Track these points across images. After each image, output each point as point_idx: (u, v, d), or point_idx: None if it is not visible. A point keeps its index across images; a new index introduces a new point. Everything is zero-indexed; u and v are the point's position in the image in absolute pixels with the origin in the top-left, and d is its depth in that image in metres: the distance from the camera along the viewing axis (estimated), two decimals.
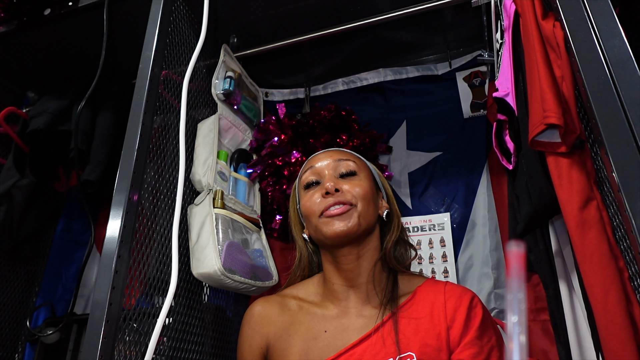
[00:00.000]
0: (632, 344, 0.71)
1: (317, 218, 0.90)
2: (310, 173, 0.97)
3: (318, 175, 0.96)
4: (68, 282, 1.75)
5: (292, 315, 0.93)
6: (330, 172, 0.95)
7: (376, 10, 1.40)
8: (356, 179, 0.94)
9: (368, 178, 0.97)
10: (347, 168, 0.96)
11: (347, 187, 0.91)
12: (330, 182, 0.91)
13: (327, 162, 0.97)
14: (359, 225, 0.88)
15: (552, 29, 0.82)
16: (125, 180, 0.97)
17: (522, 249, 0.33)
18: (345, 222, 0.87)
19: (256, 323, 0.95)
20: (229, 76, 1.39)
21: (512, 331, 0.33)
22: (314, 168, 0.98)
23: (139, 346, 0.93)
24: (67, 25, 1.45)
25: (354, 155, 1.01)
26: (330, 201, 0.89)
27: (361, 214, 0.89)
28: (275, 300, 0.97)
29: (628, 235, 0.67)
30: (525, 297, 0.32)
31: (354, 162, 0.97)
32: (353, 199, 0.90)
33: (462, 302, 0.86)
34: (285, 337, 0.91)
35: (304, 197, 0.96)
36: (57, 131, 1.52)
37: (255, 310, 0.97)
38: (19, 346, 1.64)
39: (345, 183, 0.92)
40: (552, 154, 0.84)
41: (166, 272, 1.01)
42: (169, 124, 1.16)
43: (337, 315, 0.90)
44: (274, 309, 0.95)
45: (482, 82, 1.61)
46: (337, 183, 0.92)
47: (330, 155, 0.99)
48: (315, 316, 0.91)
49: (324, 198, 0.90)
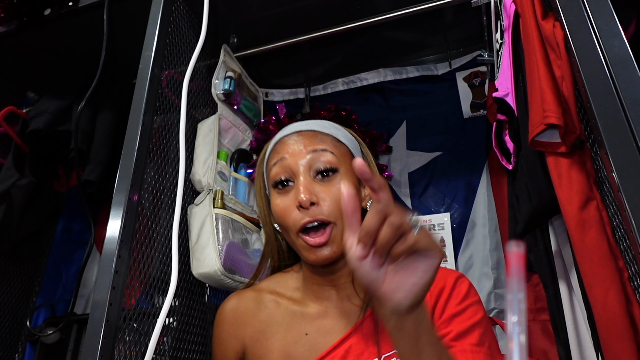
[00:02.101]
0: (632, 343, 0.71)
1: (294, 234, 0.78)
2: (279, 168, 0.82)
3: (290, 173, 0.81)
4: (68, 282, 1.75)
5: (270, 314, 0.84)
6: (305, 170, 0.80)
7: (376, 10, 1.40)
8: (336, 178, 0.80)
9: (349, 168, 0.83)
10: (325, 164, 0.80)
11: (324, 195, 0.78)
12: (306, 192, 0.77)
13: (301, 154, 0.81)
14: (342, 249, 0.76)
15: (552, 29, 0.82)
16: (125, 180, 0.97)
17: (522, 249, 0.33)
18: (327, 251, 0.76)
19: (230, 324, 0.86)
20: (229, 76, 1.39)
21: (512, 331, 0.33)
22: (285, 160, 0.82)
23: (139, 346, 0.93)
24: (67, 25, 1.45)
25: (331, 140, 0.84)
26: (306, 219, 0.76)
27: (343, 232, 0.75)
28: (250, 296, 0.87)
29: (628, 235, 0.67)
30: (525, 297, 0.32)
31: (332, 152, 0.81)
32: (331, 215, 0.77)
33: (446, 283, 0.78)
34: (263, 340, 0.82)
35: (273, 197, 0.83)
36: (57, 131, 1.52)
37: (228, 308, 0.87)
38: (19, 346, 1.64)
39: (323, 189, 0.78)
40: (552, 154, 0.84)
41: (166, 272, 1.01)
42: (169, 124, 1.16)
43: (318, 315, 0.82)
44: (249, 307, 0.85)
45: (482, 82, 1.61)
46: (313, 190, 0.78)
47: (304, 144, 0.82)
48: (295, 316, 0.82)
49: (297, 210, 0.77)
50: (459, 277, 0.80)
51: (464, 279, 0.80)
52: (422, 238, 0.48)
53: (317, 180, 0.79)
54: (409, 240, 0.48)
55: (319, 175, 0.80)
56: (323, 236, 0.76)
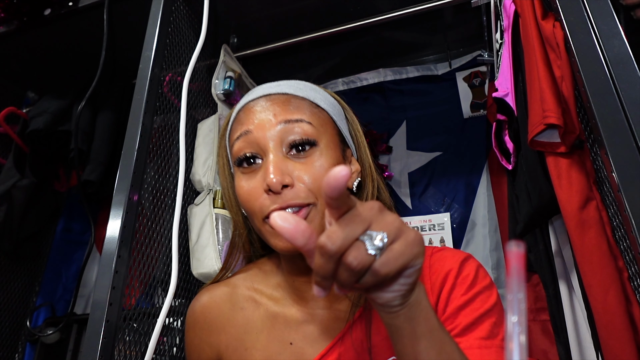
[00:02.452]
0: (632, 343, 0.71)
1: (260, 221, 0.64)
2: (243, 143, 0.66)
3: (256, 148, 0.65)
4: (68, 282, 1.75)
5: (248, 317, 0.71)
6: (275, 145, 0.64)
7: (376, 10, 1.40)
8: (315, 154, 0.64)
9: (331, 140, 0.67)
10: (301, 135, 0.64)
11: (300, 174, 0.63)
12: (276, 171, 0.61)
13: (270, 125, 0.65)
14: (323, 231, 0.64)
15: (552, 29, 0.82)
16: (125, 180, 0.97)
17: (522, 249, 0.33)
18: None
19: (202, 329, 0.73)
20: (229, 76, 1.39)
21: (512, 331, 0.33)
22: (250, 134, 0.65)
23: (139, 346, 0.93)
24: (67, 25, 1.45)
25: (308, 106, 0.68)
26: (275, 206, 0.62)
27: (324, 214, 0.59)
28: (223, 293, 0.74)
29: (628, 235, 0.67)
30: (525, 297, 0.32)
31: (309, 122, 0.65)
32: (310, 196, 0.62)
33: (450, 270, 0.65)
34: (242, 350, 0.70)
35: (237, 178, 0.68)
36: (57, 131, 1.52)
37: (198, 310, 0.74)
38: (19, 346, 1.64)
39: (298, 166, 0.63)
40: (551, 154, 0.84)
41: (166, 272, 1.01)
42: (169, 124, 1.16)
43: (304, 320, 0.69)
44: (224, 307, 0.73)
45: (482, 82, 1.61)
46: (286, 169, 0.63)
47: (274, 112, 0.66)
48: (277, 321, 0.70)
49: (266, 194, 0.63)
50: (465, 260, 0.67)
51: (471, 261, 0.67)
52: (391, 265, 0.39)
53: (291, 156, 0.64)
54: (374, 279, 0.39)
55: (293, 150, 0.64)
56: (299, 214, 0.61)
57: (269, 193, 0.62)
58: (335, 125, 0.70)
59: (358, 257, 0.38)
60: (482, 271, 0.66)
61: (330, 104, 0.72)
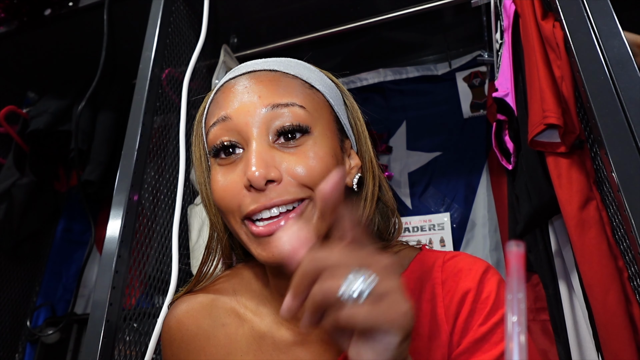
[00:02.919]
0: (632, 343, 0.71)
1: (238, 222, 0.54)
2: (221, 129, 0.55)
3: (236, 135, 0.54)
4: (68, 282, 1.75)
5: (231, 337, 0.61)
6: (260, 132, 0.53)
7: (376, 10, 1.40)
8: (308, 142, 0.53)
9: (327, 127, 0.56)
10: (291, 120, 0.53)
11: (290, 166, 0.52)
12: (260, 164, 0.50)
13: (253, 108, 0.54)
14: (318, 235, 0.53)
15: (552, 29, 0.82)
16: (126, 180, 0.97)
17: (522, 248, 0.33)
18: None
19: (179, 348, 0.62)
20: None
21: (512, 331, 0.33)
22: (228, 121, 0.54)
23: (139, 346, 0.93)
24: (68, 25, 1.45)
25: (300, 86, 0.57)
26: (257, 205, 0.51)
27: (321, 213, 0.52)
28: (202, 305, 0.63)
29: (628, 235, 0.67)
30: (525, 297, 0.32)
31: (301, 106, 0.54)
32: (303, 190, 0.52)
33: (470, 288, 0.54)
34: None
35: (213, 171, 0.56)
36: (57, 131, 1.52)
37: (175, 326, 0.64)
38: (19, 346, 1.64)
39: (286, 157, 0.53)
40: (551, 154, 0.84)
41: (166, 272, 1.01)
42: (169, 124, 1.16)
43: (294, 343, 0.59)
44: (203, 323, 0.62)
45: (482, 82, 1.61)
46: (272, 161, 0.52)
47: (260, 93, 0.55)
48: (265, 342, 0.59)
49: (247, 190, 0.52)
50: (484, 275, 0.55)
51: (490, 276, 0.55)
52: (360, 318, 0.35)
53: (278, 145, 0.53)
54: (339, 322, 0.35)
55: (281, 138, 0.53)
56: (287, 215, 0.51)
57: (250, 190, 0.51)
58: (333, 110, 0.59)
59: (323, 290, 0.36)
60: (503, 289, 0.55)
61: (327, 86, 0.61)
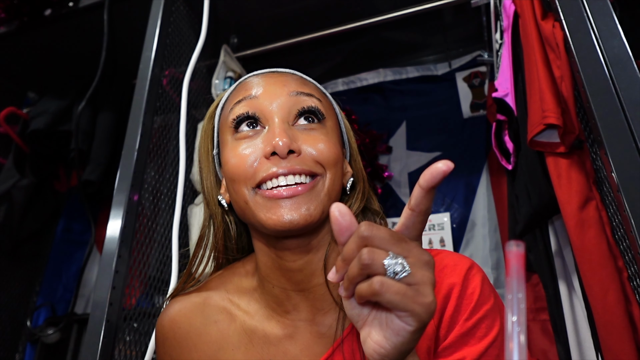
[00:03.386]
0: (631, 343, 0.71)
1: (248, 190, 0.57)
2: (246, 106, 0.60)
3: (259, 113, 0.59)
4: (68, 282, 1.75)
5: (222, 332, 0.63)
6: (282, 112, 0.59)
7: (376, 10, 1.41)
8: (322, 129, 0.60)
9: (335, 126, 0.64)
10: (313, 103, 0.60)
11: (307, 145, 0.57)
12: (283, 135, 0.55)
13: (278, 92, 0.60)
14: (322, 212, 0.56)
15: (552, 29, 0.82)
16: (126, 180, 0.97)
17: (522, 248, 0.34)
18: (302, 208, 0.54)
19: (172, 347, 0.65)
20: (229, 76, 1.39)
21: (512, 331, 0.33)
22: (254, 99, 0.60)
23: (139, 346, 0.93)
24: (68, 25, 1.45)
25: (317, 89, 0.65)
26: (276, 170, 0.55)
27: (330, 190, 0.57)
28: (195, 304, 0.65)
29: (627, 235, 0.67)
30: (525, 297, 0.33)
31: (319, 99, 0.62)
32: (318, 167, 0.57)
33: (455, 283, 0.57)
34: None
35: (229, 146, 0.60)
36: (57, 131, 1.52)
37: (168, 325, 0.65)
38: (19, 346, 1.64)
39: (304, 137, 0.58)
40: (551, 154, 0.84)
41: (166, 272, 1.01)
42: (169, 124, 1.16)
43: (284, 336, 0.61)
44: (195, 321, 0.64)
45: (481, 83, 1.61)
46: (293, 136, 0.57)
47: (284, 82, 0.61)
48: (255, 336, 0.62)
49: (266, 159, 0.56)
50: (469, 272, 0.58)
51: (474, 273, 0.59)
52: (391, 291, 0.38)
53: (297, 126, 0.59)
54: (372, 286, 0.39)
55: (301, 119, 0.60)
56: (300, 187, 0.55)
57: (269, 158, 0.56)
58: (337, 117, 0.67)
59: (372, 256, 0.39)
60: (487, 286, 0.58)
61: (333, 101, 0.70)
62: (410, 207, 0.41)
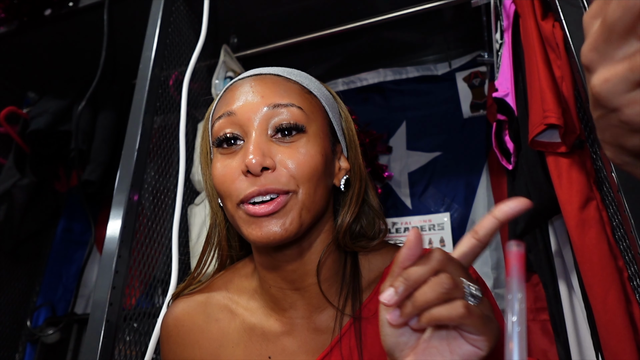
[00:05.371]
0: (632, 343, 0.71)
1: (234, 206, 0.59)
2: (226, 122, 0.61)
3: (238, 129, 0.60)
4: (68, 282, 1.75)
5: (223, 330, 0.66)
6: (260, 127, 0.59)
7: (376, 10, 1.41)
8: (301, 140, 0.59)
9: (321, 129, 0.63)
10: (289, 119, 0.59)
11: (283, 158, 0.58)
12: (257, 153, 0.56)
13: (256, 106, 0.60)
14: (300, 225, 0.58)
15: (552, 29, 0.82)
16: (126, 180, 0.97)
17: (522, 248, 0.33)
18: (277, 225, 0.56)
19: (176, 344, 0.68)
20: (229, 76, 1.39)
21: (512, 331, 0.33)
22: (233, 116, 0.60)
23: (139, 346, 0.93)
24: (68, 25, 1.45)
25: (298, 90, 0.64)
26: (253, 189, 0.56)
27: (305, 205, 0.58)
28: (198, 303, 0.69)
29: (627, 235, 0.67)
30: (525, 297, 0.32)
31: (299, 107, 0.61)
32: (291, 183, 0.57)
33: None
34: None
35: (215, 160, 0.62)
36: (57, 131, 1.52)
37: (172, 323, 0.69)
38: (19, 346, 1.64)
39: (282, 150, 0.59)
40: (551, 154, 0.84)
41: (166, 272, 1.01)
42: (169, 124, 1.16)
43: (282, 332, 0.64)
44: (197, 319, 0.67)
45: (481, 82, 1.61)
46: (268, 151, 0.58)
47: (262, 93, 0.61)
48: (254, 333, 0.65)
49: (244, 176, 0.58)
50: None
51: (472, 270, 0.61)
52: (474, 315, 0.39)
53: (275, 139, 0.59)
54: (457, 309, 0.38)
55: (278, 134, 0.59)
56: (272, 205, 0.56)
57: (247, 175, 0.57)
58: (327, 115, 0.66)
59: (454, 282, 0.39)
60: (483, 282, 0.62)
61: (323, 94, 0.68)
62: (479, 237, 0.42)
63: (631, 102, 0.30)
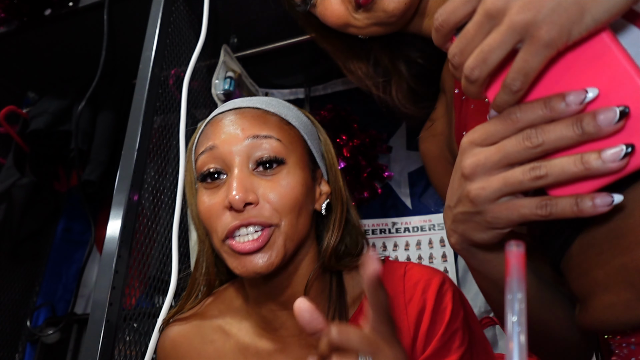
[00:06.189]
0: None
1: (219, 241, 0.62)
2: (208, 157, 0.63)
3: (221, 163, 0.63)
4: (68, 282, 1.75)
5: (219, 351, 0.68)
6: (242, 161, 0.62)
7: None
8: (282, 172, 0.62)
9: (300, 158, 0.66)
10: (269, 152, 0.62)
11: (266, 192, 0.61)
12: (240, 188, 0.59)
13: (237, 139, 0.63)
14: (285, 254, 0.61)
15: None
16: (126, 180, 0.97)
17: (522, 248, 0.33)
18: (263, 259, 0.59)
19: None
20: (229, 76, 1.39)
21: (512, 331, 0.33)
22: (215, 150, 0.63)
23: (139, 346, 0.93)
24: (68, 25, 1.45)
25: (277, 122, 0.66)
26: (236, 222, 0.59)
27: (288, 236, 0.61)
28: (193, 327, 0.71)
29: None
30: (525, 297, 0.33)
31: (278, 139, 0.63)
32: (274, 216, 0.60)
33: (426, 302, 0.63)
34: None
35: (200, 193, 0.65)
36: (57, 131, 1.52)
37: (169, 346, 0.71)
38: (19, 346, 1.64)
39: (263, 184, 0.61)
40: None
41: (166, 272, 1.01)
42: (169, 124, 1.16)
43: (275, 350, 0.66)
44: (193, 341, 0.69)
45: None
46: (251, 186, 0.60)
47: (242, 126, 0.64)
48: (248, 353, 0.67)
49: (228, 210, 0.61)
50: (441, 287, 0.64)
51: (447, 288, 0.65)
52: None
53: (257, 173, 0.62)
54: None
55: (259, 167, 0.62)
56: (257, 241, 0.59)
57: (230, 210, 0.60)
58: (306, 144, 0.69)
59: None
60: (457, 299, 0.65)
61: (302, 123, 0.70)
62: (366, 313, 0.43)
63: (497, 207, 0.42)
